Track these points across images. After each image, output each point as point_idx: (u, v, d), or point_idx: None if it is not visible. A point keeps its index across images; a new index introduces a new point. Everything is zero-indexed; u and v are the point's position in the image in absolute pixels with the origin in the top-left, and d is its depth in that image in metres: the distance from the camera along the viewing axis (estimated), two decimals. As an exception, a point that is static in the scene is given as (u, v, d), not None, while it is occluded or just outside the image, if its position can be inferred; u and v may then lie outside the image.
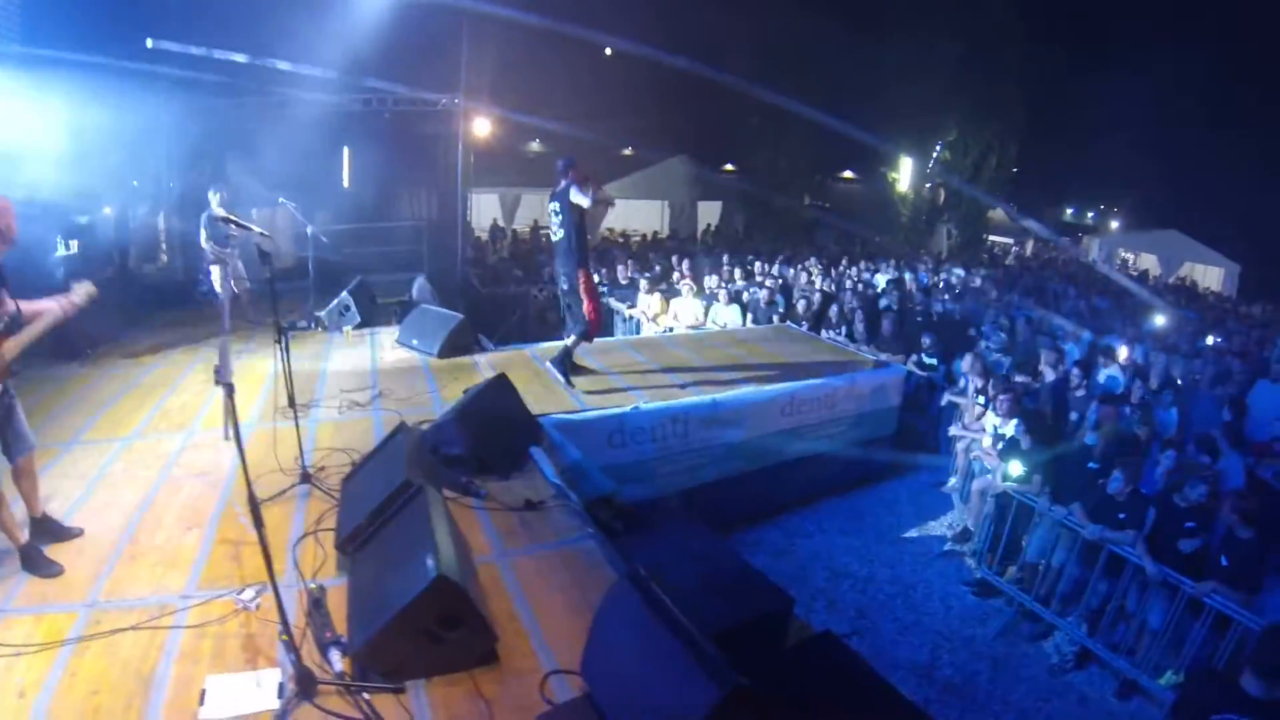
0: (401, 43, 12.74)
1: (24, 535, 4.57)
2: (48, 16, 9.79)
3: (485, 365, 9.03)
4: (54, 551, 4.61)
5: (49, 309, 4.45)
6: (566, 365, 8.69)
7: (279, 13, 11.17)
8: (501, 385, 6.71)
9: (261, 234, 5.48)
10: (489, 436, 6.10)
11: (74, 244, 10.34)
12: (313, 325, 10.64)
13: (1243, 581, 6.31)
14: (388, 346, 9.76)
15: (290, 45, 11.72)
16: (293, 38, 11.55)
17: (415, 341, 9.56)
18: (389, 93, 13.94)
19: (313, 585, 4.31)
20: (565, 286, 8.54)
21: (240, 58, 11.65)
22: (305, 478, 5.65)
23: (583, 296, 8.36)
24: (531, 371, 8.88)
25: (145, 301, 11.38)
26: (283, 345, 5.51)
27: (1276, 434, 9.43)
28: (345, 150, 15.23)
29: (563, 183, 8.19)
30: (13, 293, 4.39)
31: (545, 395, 7.97)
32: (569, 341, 8.71)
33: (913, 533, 9.75)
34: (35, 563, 4.47)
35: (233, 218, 5.55)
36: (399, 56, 13.06)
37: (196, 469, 5.99)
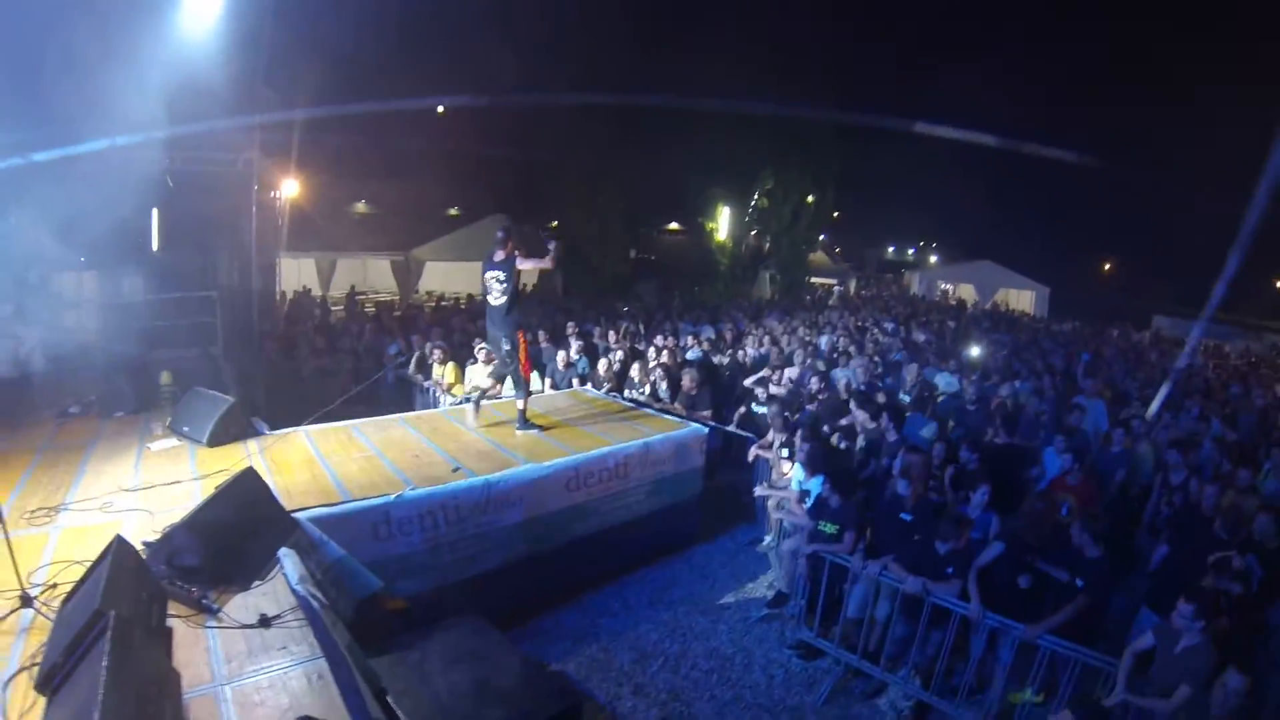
0: (196, 97, 12.32)
1: None
2: None
3: (256, 453, 8.47)
4: None
5: None
6: (529, 422, 9.92)
7: (71, 69, 10.71)
8: (248, 481, 6.24)
9: None
10: (228, 542, 5.61)
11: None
12: (86, 411, 9.95)
13: (1091, 611, 6.65)
14: (158, 434, 9.06)
15: (85, 102, 11.20)
16: (88, 95, 11.05)
17: (185, 428, 8.89)
18: (184, 150, 13.46)
19: None
20: (507, 347, 9.62)
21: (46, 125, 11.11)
22: (26, 601, 5.01)
23: (521, 356, 9.64)
24: (302, 457, 8.42)
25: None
26: None
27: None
28: (154, 212, 14.58)
29: (500, 252, 9.34)
30: None
31: (310, 485, 7.49)
32: (520, 405, 9.91)
33: (729, 598, 9.53)
34: None
35: None
36: (193, 111, 12.60)
37: None
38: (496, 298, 9.46)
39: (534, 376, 11.50)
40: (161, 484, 7.43)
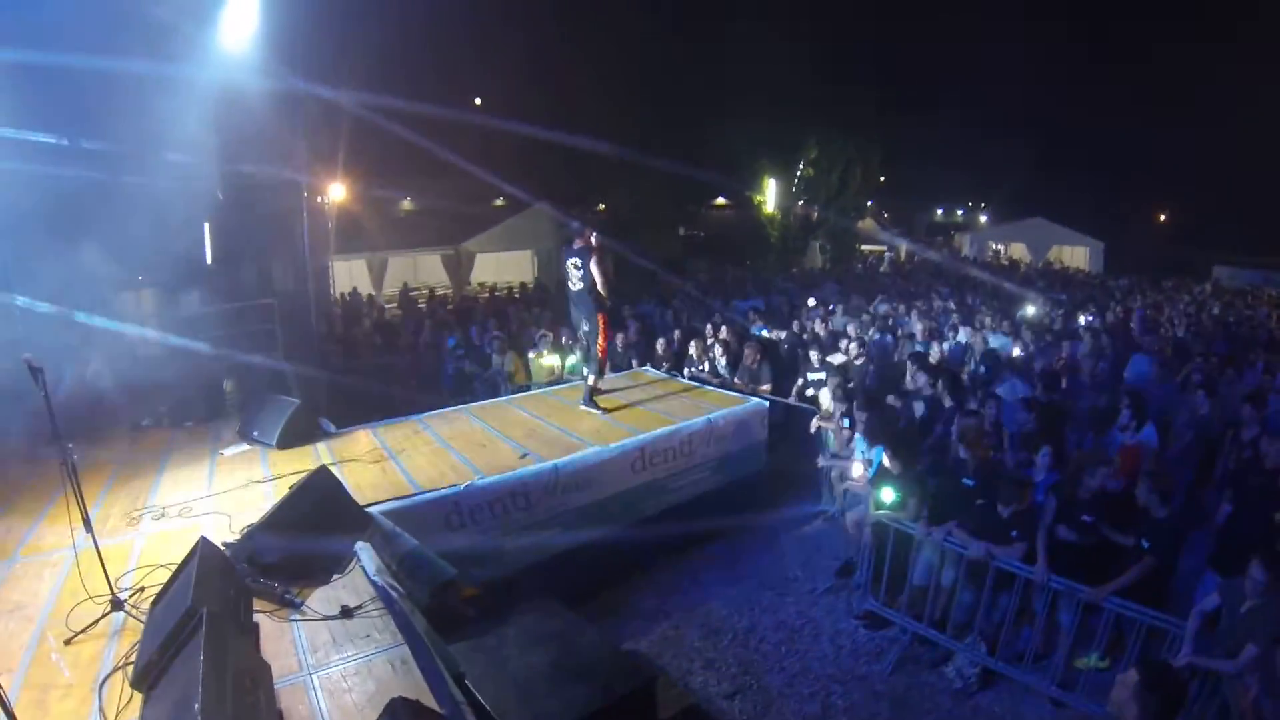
0: (239, 114, 12.49)
1: None
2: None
3: (325, 452, 8.65)
4: None
5: None
6: (594, 400, 10.24)
7: (125, 97, 10.90)
8: (322, 479, 6.39)
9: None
10: (306, 539, 5.76)
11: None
12: (158, 422, 10.19)
13: (1157, 572, 6.54)
14: (229, 440, 9.27)
15: (140, 128, 11.39)
16: (131, 116, 11.24)
17: (255, 433, 9.09)
18: (230, 167, 13.64)
19: None
20: (586, 328, 10.15)
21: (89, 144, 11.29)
22: (117, 604, 5.20)
23: (599, 337, 10.06)
24: (371, 454, 8.56)
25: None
26: (68, 467, 5.16)
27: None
28: (206, 226, 14.82)
29: (579, 241, 9.91)
30: None
31: (380, 480, 7.67)
32: (590, 381, 10.30)
33: (795, 571, 9.50)
34: None
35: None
36: (239, 127, 12.77)
37: (11, 603, 5.53)
38: (575, 283, 10.01)
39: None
40: (237, 488, 7.62)
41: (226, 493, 7.51)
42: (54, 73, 10.66)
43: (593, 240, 9.87)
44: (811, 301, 16.29)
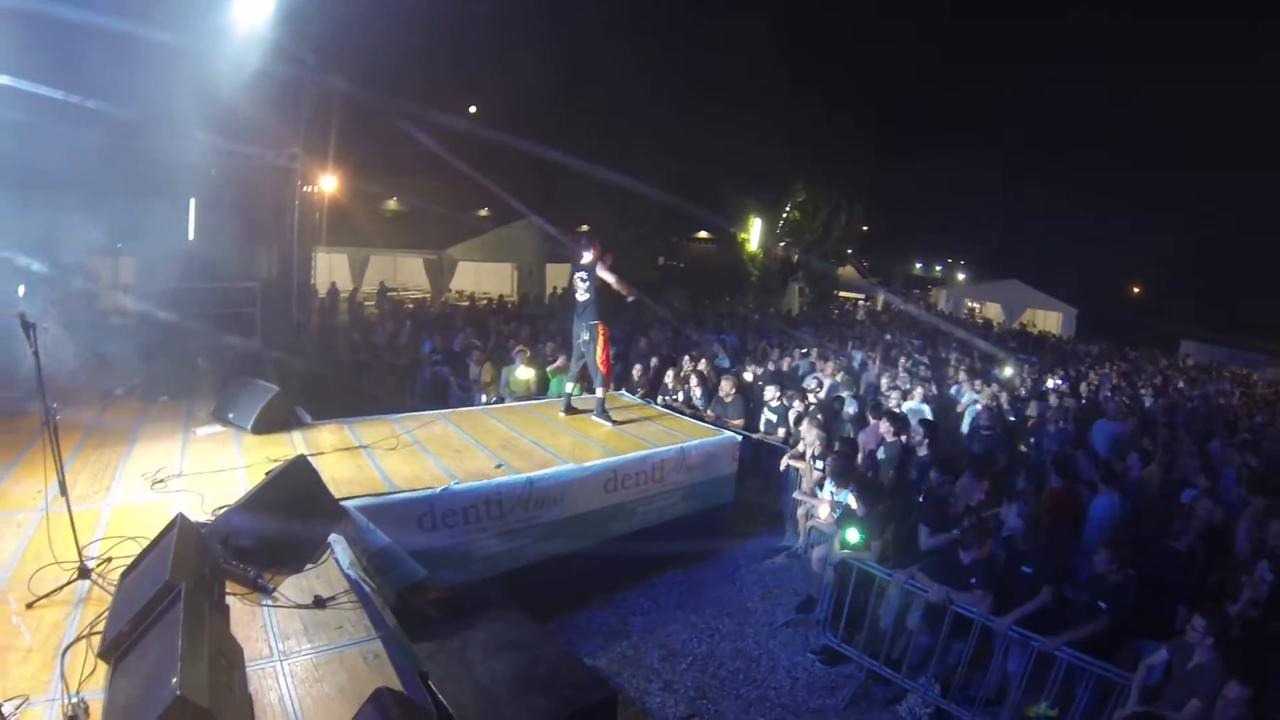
0: (242, 93, 12.46)
1: None
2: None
3: (300, 442, 8.59)
4: None
5: None
6: (606, 412, 10.58)
7: (122, 59, 10.84)
8: (300, 468, 6.39)
9: None
10: (282, 526, 5.76)
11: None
12: (130, 393, 10.11)
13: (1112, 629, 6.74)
14: (203, 420, 9.22)
15: (139, 93, 11.32)
16: (137, 83, 11.18)
17: (230, 415, 9.04)
18: (228, 143, 13.59)
19: (74, 699, 3.96)
20: (585, 337, 10.40)
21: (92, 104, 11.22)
22: (84, 573, 5.16)
23: (599, 347, 10.31)
24: (346, 449, 8.55)
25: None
26: (50, 427, 5.17)
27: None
28: (192, 202, 14.73)
29: (586, 255, 10.25)
30: None
31: (356, 475, 7.65)
32: (599, 393, 10.63)
33: (756, 603, 9.65)
34: None
35: None
36: (239, 106, 12.74)
37: None
38: (582, 294, 10.42)
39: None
40: (211, 470, 7.58)
41: (200, 474, 7.44)
42: (62, 26, 10.64)
43: (600, 252, 10.23)
44: (814, 355, 16.33)
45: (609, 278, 10.23)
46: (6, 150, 11.10)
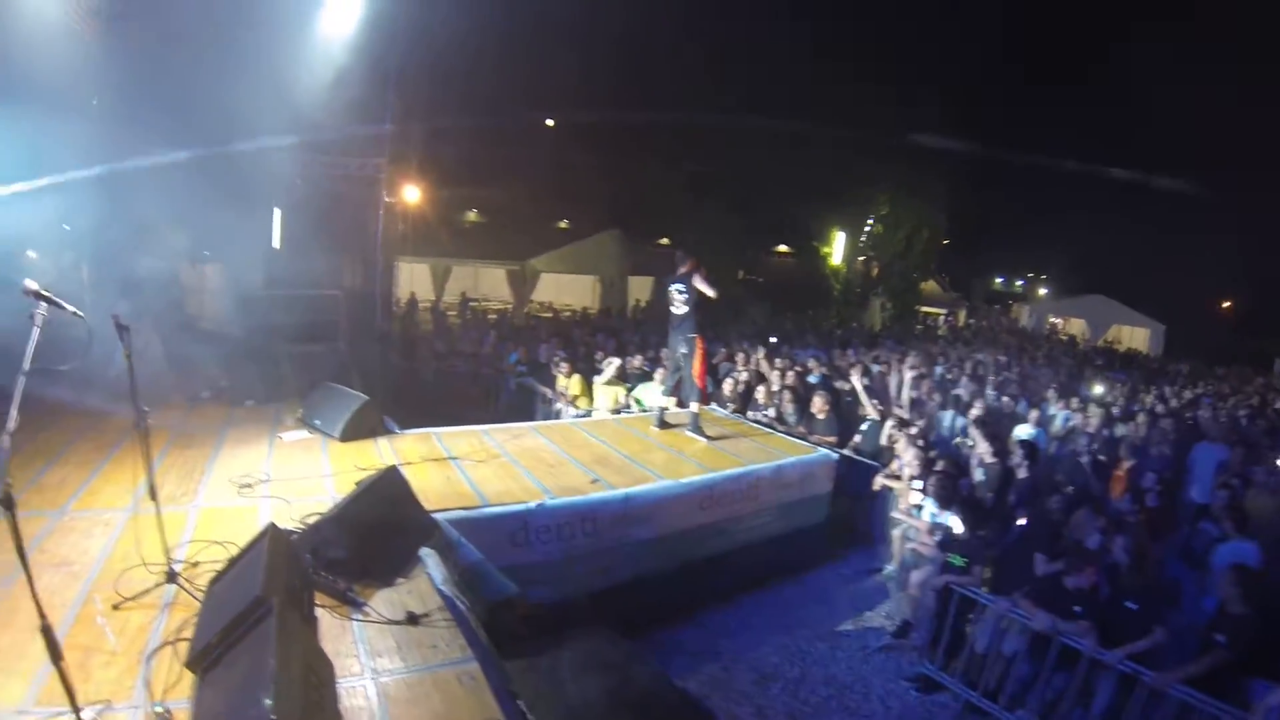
0: (328, 104, 12.54)
1: None
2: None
3: (388, 451, 8.51)
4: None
5: None
6: (700, 428, 10.41)
7: (210, 72, 10.95)
8: (391, 479, 6.22)
9: (76, 314, 4.56)
10: (374, 538, 5.58)
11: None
12: (216, 397, 10.16)
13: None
14: (289, 425, 9.21)
15: (221, 102, 11.42)
16: (225, 95, 11.27)
17: (317, 421, 9.04)
18: (314, 154, 13.68)
19: (159, 709, 3.79)
20: (684, 350, 10.36)
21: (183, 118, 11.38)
22: (171, 576, 5.05)
23: (697, 360, 10.29)
24: (435, 460, 8.37)
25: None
26: (141, 429, 5.03)
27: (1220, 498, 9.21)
28: (276, 211, 14.87)
29: (681, 269, 10.28)
30: None
31: (446, 488, 7.48)
32: (694, 408, 10.58)
33: (848, 626, 9.26)
34: None
35: (45, 294, 4.19)
36: (325, 118, 12.82)
37: (59, 557, 5.41)
38: (678, 308, 10.37)
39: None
40: (298, 476, 7.52)
41: (287, 480, 7.38)
42: (154, 40, 10.77)
43: (695, 264, 10.24)
44: (910, 373, 15.90)
45: (708, 290, 10.16)
46: (99, 160, 11.28)
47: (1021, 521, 8.59)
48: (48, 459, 7.38)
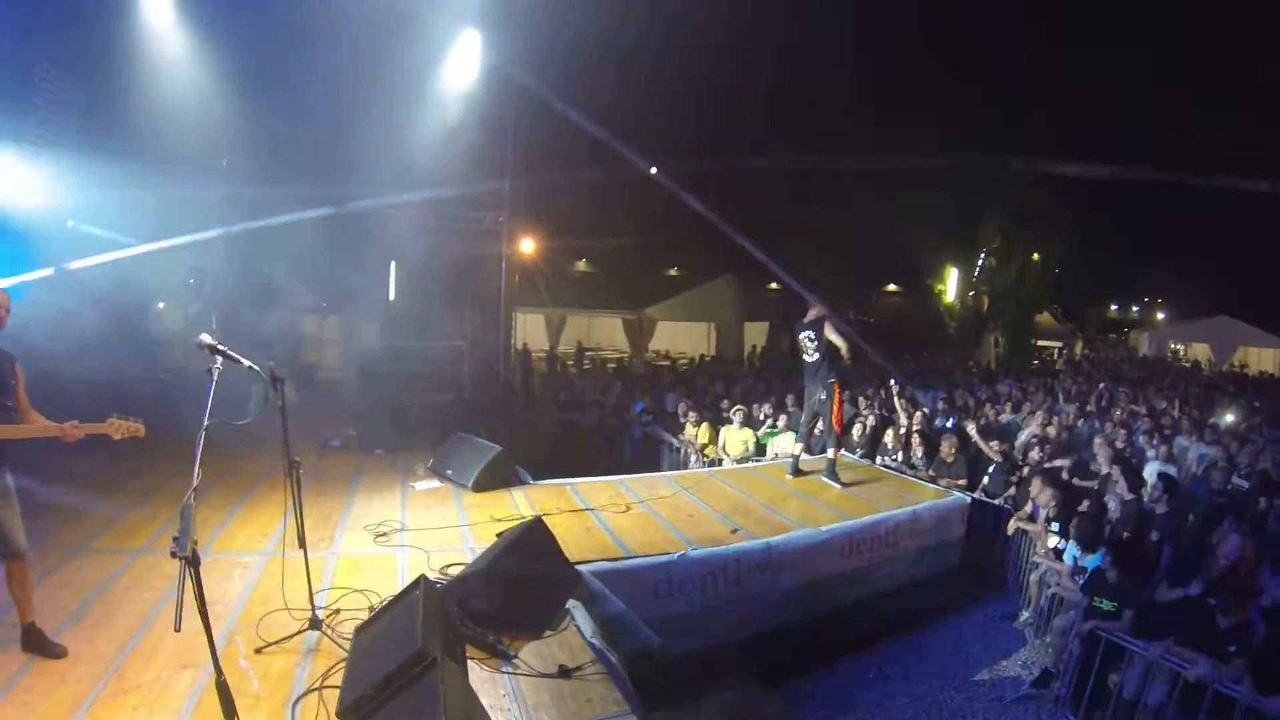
0: (449, 160, 12.67)
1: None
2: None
3: (523, 501, 8.48)
4: (32, 675, 4.28)
5: (48, 426, 4.40)
6: (835, 474, 10.22)
7: (340, 132, 11.19)
8: (536, 531, 6.18)
9: (252, 367, 4.71)
10: (522, 590, 5.54)
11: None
12: (345, 445, 10.35)
13: None
14: (420, 474, 9.27)
15: (346, 158, 11.65)
16: (349, 152, 11.50)
17: (449, 471, 9.08)
18: (436, 208, 13.86)
19: None
20: (822, 396, 10.22)
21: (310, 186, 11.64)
22: (315, 623, 5.10)
23: (835, 405, 10.15)
24: (571, 511, 8.29)
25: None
26: (294, 481, 5.07)
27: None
28: (392, 264, 15.08)
29: (811, 315, 10.44)
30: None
31: (586, 539, 7.40)
32: (830, 454, 10.32)
33: (984, 675, 8.82)
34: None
35: (221, 347, 4.46)
36: (447, 172, 12.96)
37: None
38: (810, 355, 10.38)
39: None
40: (434, 526, 7.52)
41: (423, 529, 7.40)
42: (282, 108, 11.05)
43: (824, 312, 10.33)
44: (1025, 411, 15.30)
45: (838, 340, 10.16)
46: (229, 218, 11.55)
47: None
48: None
